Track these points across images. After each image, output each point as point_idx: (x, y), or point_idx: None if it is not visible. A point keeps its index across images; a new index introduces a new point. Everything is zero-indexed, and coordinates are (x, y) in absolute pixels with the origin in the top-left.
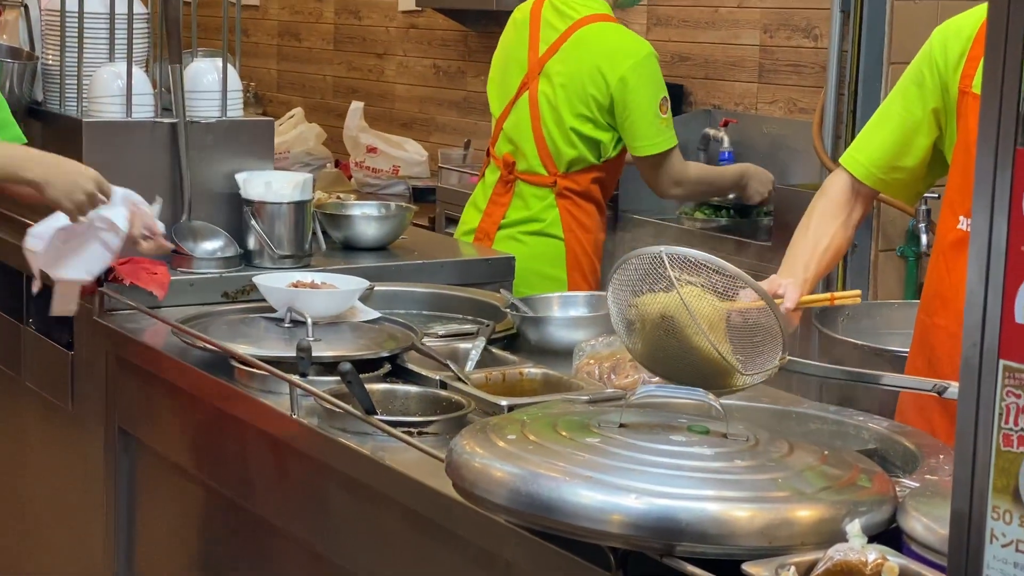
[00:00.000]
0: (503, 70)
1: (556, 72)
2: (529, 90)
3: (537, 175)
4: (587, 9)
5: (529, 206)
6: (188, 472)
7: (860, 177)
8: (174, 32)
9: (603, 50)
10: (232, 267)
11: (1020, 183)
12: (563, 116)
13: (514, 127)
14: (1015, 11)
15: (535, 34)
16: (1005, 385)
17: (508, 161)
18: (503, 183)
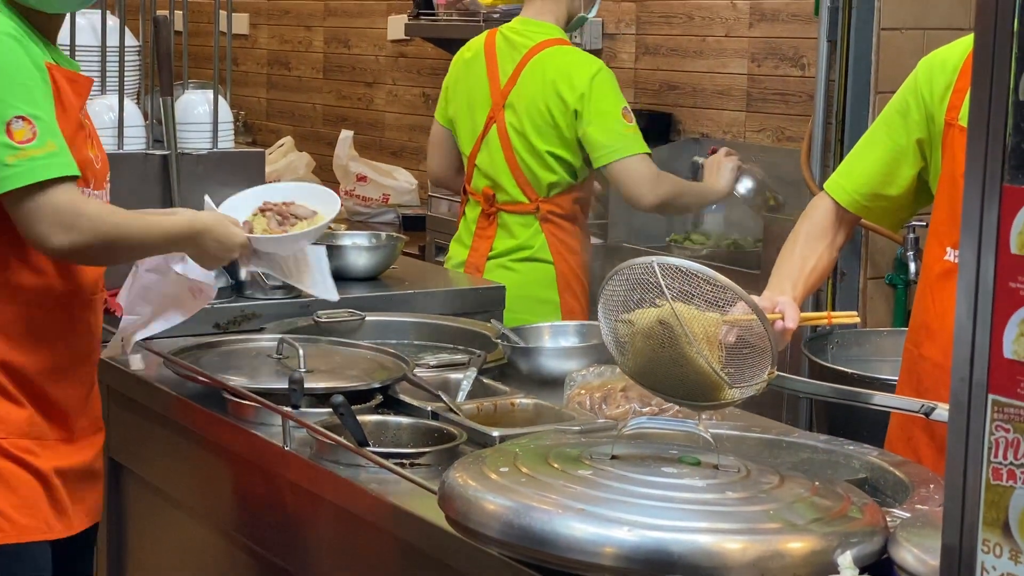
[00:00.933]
0: (467, 108)
1: (518, 100)
2: (496, 122)
3: (518, 204)
4: (540, 35)
5: (515, 235)
6: (180, 504)
7: (844, 204)
8: (165, 64)
9: (559, 71)
10: (224, 298)
11: (1007, 219)
12: (534, 143)
13: (487, 161)
14: (1001, 46)
15: (493, 68)
16: (994, 419)
17: (487, 194)
18: (485, 216)
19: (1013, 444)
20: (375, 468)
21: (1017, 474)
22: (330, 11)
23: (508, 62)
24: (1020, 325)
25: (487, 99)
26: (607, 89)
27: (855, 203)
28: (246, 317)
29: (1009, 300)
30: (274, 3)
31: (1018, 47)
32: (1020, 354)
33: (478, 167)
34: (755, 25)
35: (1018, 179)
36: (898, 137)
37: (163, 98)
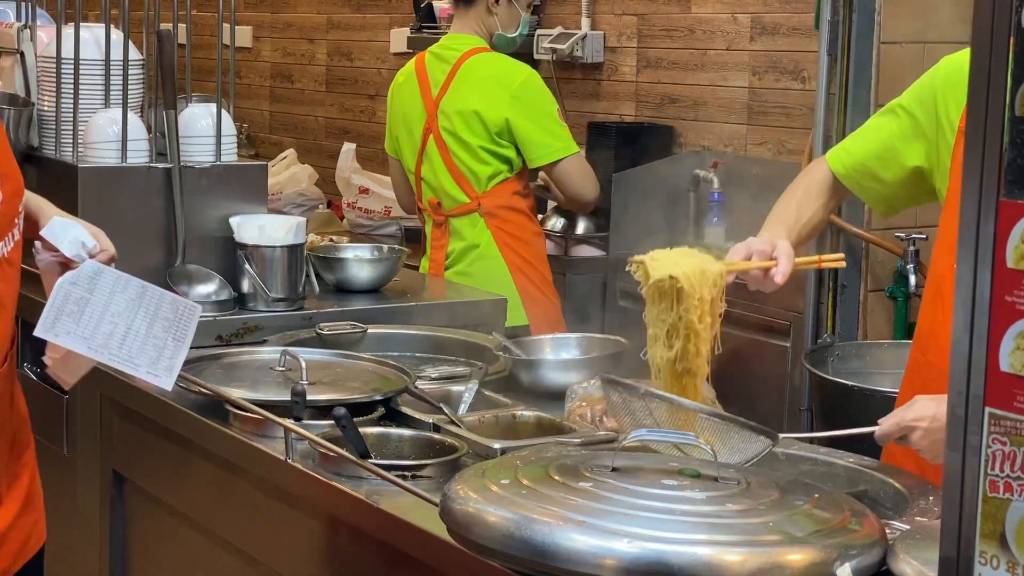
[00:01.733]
0: (405, 128)
1: (449, 104)
2: (432, 132)
3: (461, 205)
4: (466, 46)
5: (464, 236)
6: (183, 516)
7: (839, 175)
8: (168, 78)
9: (490, 76)
10: (226, 311)
11: (1003, 233)
12: (466, 139)
13: (429, 171)
14: (997, 60)
15: (424, 83)
16: (991, 432)
17: (434, 204)
18: (437, 227)
19: (1010, 456)
20: (377, 480)
21: (1014, 486)
22: (333, 24)
23: (439, 73)
24: (1016, 338)
25: (422, 113)
26: (540, 91)
27: (850, 178)
28: (248, 329)
29: (1005, 314)
30: (277, 16)
31: (1014, 62)
32: (1016, 367)
33: (424, 180)
34: (756, 39)
35: (1014, 193)
36: (904, 129)
37: (166, 111)
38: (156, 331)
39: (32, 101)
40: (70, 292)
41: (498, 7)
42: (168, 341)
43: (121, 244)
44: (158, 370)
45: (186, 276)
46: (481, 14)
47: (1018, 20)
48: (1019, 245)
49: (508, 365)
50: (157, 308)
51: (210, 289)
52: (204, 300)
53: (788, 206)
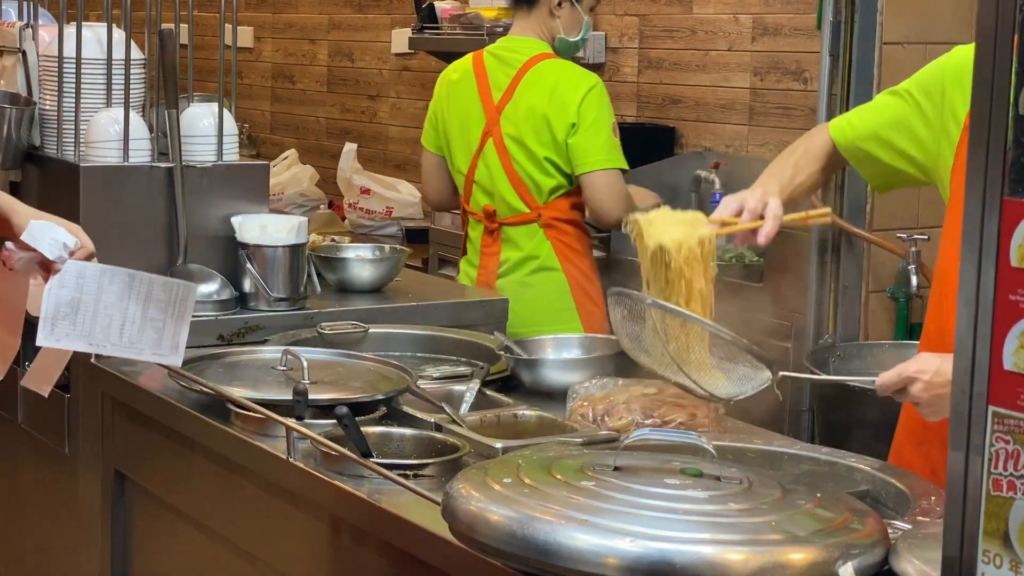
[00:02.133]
0: (460, 127)
1: (517, 111)
2: (493, 136)
3: (520, 215)
4: (531, 51)
5: (520, 247)
6: (184, 515)
7: (840, 147)
8: (171, 77)
9: (559, 81)
10: (228, 310)
11: (1007, 232)
12: (532, 148)
13: (485, 176)
14: (1001, 59)
15: (484, 85)
16: (994, 431)
17: (488, 211)
18: (488, 234)
19: (1013, 455)
20: (379, 479)
21: (1017, 485)
22: (334, 24)
23: (501, 77)
24: (1020, 337)
25: (481, 116)
26: (603, 102)
27: (849, 150)
28: (250, 329)
29: (1009, 312)
30: (278, 16)
31: (1018, 61)
32: (1020, 366)
33: (477, 183)
34: (758, 39)
35: (1018, 192)
36: (908, 112)
37: (168, 111)
38: (152, 314)
39: (34, 100)
40: (60, 296)
41: (560, 10)
42: (167, 321)
43: (122, 244)
44: (163, 350)
45: (188, 276)
46: (543, 17)
47: (1022, 19)
48: (1023, 244)
49: (510, 365)
50: (148, 292)
51: (212, 289)
52: (206, 300)
53: (785, 164)
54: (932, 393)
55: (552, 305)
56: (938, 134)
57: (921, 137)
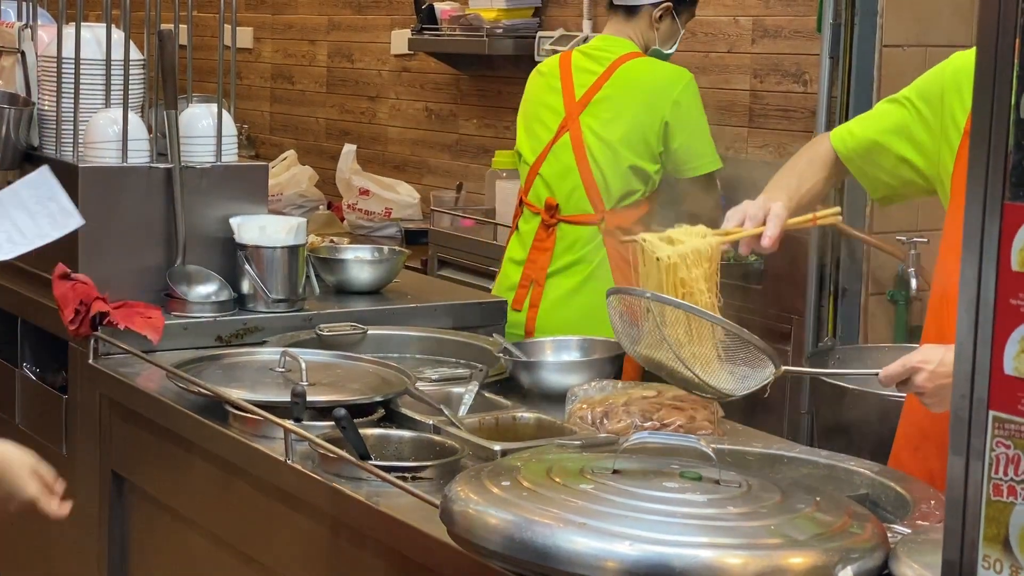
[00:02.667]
0: (533, 119)
1: (604, 110)
2: (570, 131)
3: (584, 215)
4: (621, 49)
5: (574, 249)
6: (182, 516)
7: (841, 157)
8: (170, 78)
9: (650, 81)
10: (226, 311)
11: (1008, 236)
12: (621, 152)
13: (554, 170)
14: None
15: (568, 80)
16: (995, 436)
17: (550, 205)
18: (544, 228)
19: (1014, 460)
20: (377, 482)
21: (1018, 490)
22: (334, 25)
23: (586, 74)
24: (1021, 342)
25: (560, 109)
26: (697, 98)
27: (851, 160)
28: (248, 330)
29: (1010, 317)
30: (278, 17)
31: (1020, 65)
32: (1021, 370)
33: (541, 176)
34: (757, 41)
35: (1019, 197)
36: (908, 120)
37: (167, 111)
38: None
39: (33, 101)
40: None
41: (660, 23)
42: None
43: (121, 244)
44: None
45: (186, 276)
46: (642, 27)
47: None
48: None
49: (508, 367)
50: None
51: (210, 290)
52: (204, 301)
53: (790, 174)
54: (936, 383)
55: (596, 315)
56: (938, 140)
57: (922, 143)
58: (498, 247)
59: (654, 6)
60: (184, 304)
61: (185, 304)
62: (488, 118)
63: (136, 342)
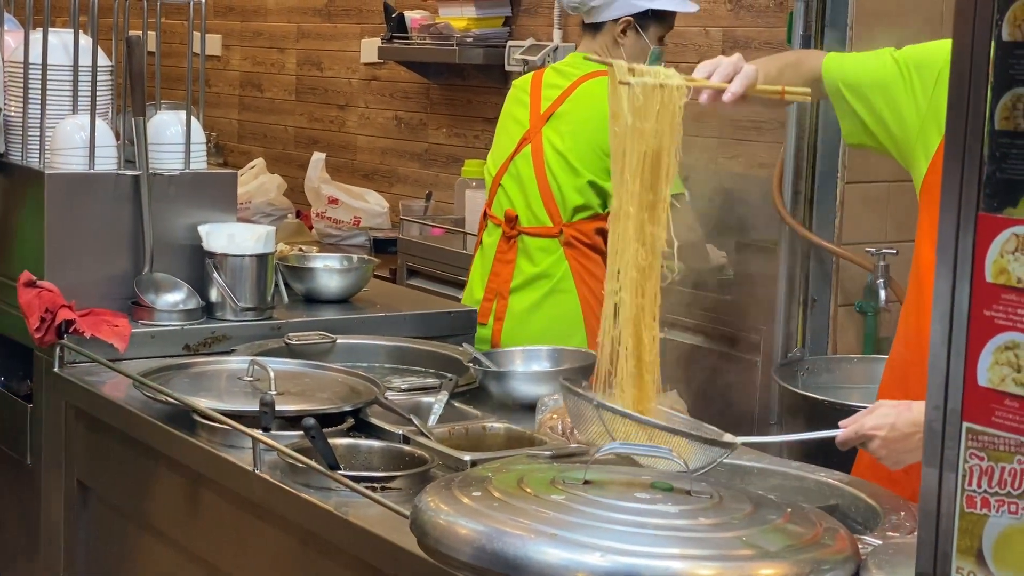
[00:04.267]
0: (501, 134)
1: (564, 123)
2: (531, 143)
3: (542, 226)
4: (589, 67)
5: (536, 262)
6: (149, 527)
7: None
8: (138, 84)
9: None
10: (194, 319)
11: (982, 247)
12: (576, 167)
13: (514, 181)
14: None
15: (536, 95)
16: (969, 447)
17: (510, 216)
18: (506, 240)
19: (987, 472)
20: (346, 492)
21: (991, 502)
22: (303, 33)
23: (553, 89)
24: (995, 353)
25: (525, 122)
26: None
27: (831, 88)
28: (216, 339)
29: (984, 328)
30: (247, 25)
31: (994, 74)
32: (995, 382)
33: (503, 187)
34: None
35: (993, 207)
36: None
37: (135, 118)
38: None
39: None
40: None
41: (625, 38)
42: None
43: (88, 252)
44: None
45: (153, 284)
46: (607, 43)
47: (998, 32)
48: (998, 259)
49: (478, 377)
50: None
51: (178, 298)
52: (172, 309)
53: (772, 63)
54: (889, 449)
55: (561, 328)
56: (924, 115)
57: (901, 109)
58: (467, 256)
59: (615, 22)
60: (151, 312)
61: (152, 312)
62: (458, 127)
63: (102, 350)
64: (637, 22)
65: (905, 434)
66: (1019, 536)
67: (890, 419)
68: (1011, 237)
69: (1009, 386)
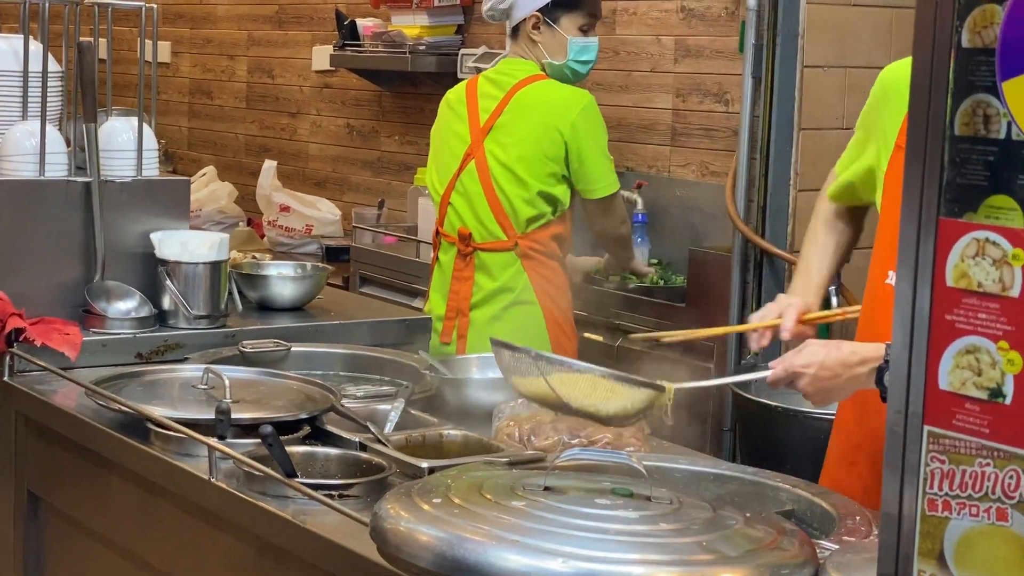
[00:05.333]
0: (441, 149)
1: (505, 135)
2: (475, 158)
3: (497, 241)
4: (523, 72)
5: (495, 276)
6: (102, 537)
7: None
8: (89, 90)
9: (549, 104)
10: (146, 327)
11: (943, 251)
12: (524, 178)
13: (462, 198)
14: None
15: (473, 107)
16: (930, 451)
17: (463, 234)
18: (462, 258)
19: (948, 475)
20: (304, 499)
21: (952, 505)
22: (254, 41)
23: (489, 100)
24: (956, 357)
25: (465, 136)
26: (598, 121)
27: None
28: (169, 347)
29: (945, 332)
30: (196, 32)
31: (954, 81)
32: (956, 386)
33: (452, 206)
34: (680, 61)
35: (954, 212)
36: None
37: (86, 125)
38: None
39: None
40: None
41: (539, 34)
42: None
43: (39, 259)
44: None
45: (105, 292)
46: (526, 42)
47: (958, 39)
48: (959, 263)
49: (435, 384)
50: None
51: (130, 306)
52: (124, 317)
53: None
54: (817, 386)
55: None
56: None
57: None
58: (420, 264)
59: (524, 21)
60: (103, 320)
61: (104, 320)
62: (410, 135)
63: (53, 359)
64: (546, 16)
65: (834, 372)
66: (980, 538)
67: (819, 357)
68: (971, 242)
69: (970, 390)
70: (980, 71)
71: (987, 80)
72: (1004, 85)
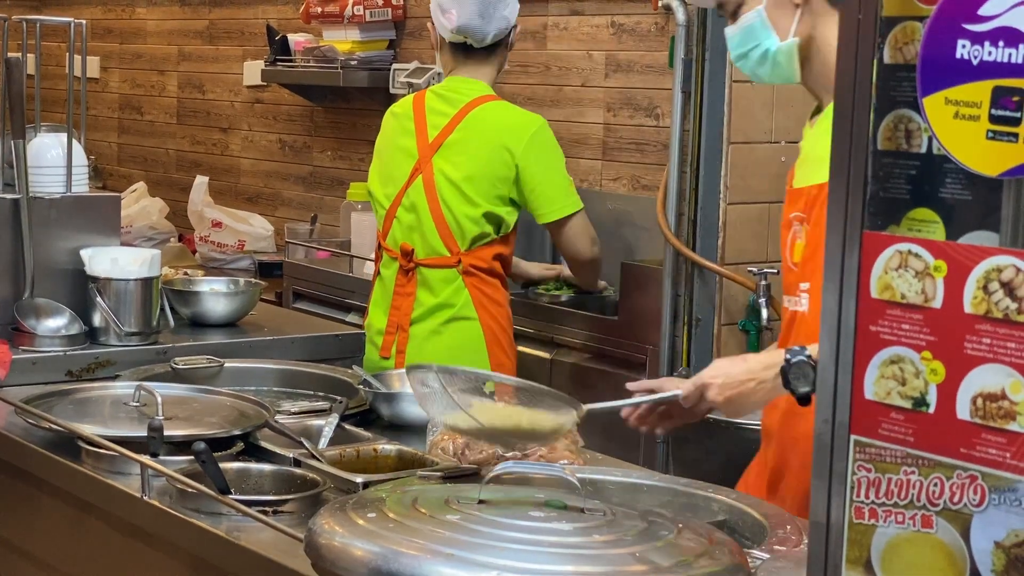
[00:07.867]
0: (389, 162)
1: (456, 153)
2: (423, 174)
3: (439, 257)
4: (475, 92)
5: (436, 292)
6: (33, 558)
7: None
8: (17, 106)
9: (501, 126)
10: (77, 345)
11: (868, 263)
12: (472, 197)
13: (409, 213)
14: (860, 96)
15: (421, 122)
16: (856, 459)
17: (406, 250)
18: (403, 273)
19: (875, 483)
20: (238, 516)
21: (879, 512)
22: (184, 56)
23: (439, 116)
24: (881, 367)
25: (414, 151)
26: (552, 143)
27: None
28: (100, 364)
29: (870, 343)
30: (126, 47)
31: (877, 96)
32: (881, 395)
33: (398, 220)
34: (611, 76)
35: (877, 225)
36: None
37: (15, 141)
38: None
39: None
40: None
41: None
42: None
43: None
44: None
45: (34, 310)
46: (499, 64)
47: (880, 55)
48: (883, 275)
49: (368, 399)
50: None
51: (60, 323)
52: (53, 334)
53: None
54: (724, 395)
55: (463, 355)
56: None
57: None
58: (354, 279)
59: (508, 46)
60: (32, 338)
61: (33, 338)
62: (343, 150)
63: None
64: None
65: (740, 381)
66: (906, 545)
67: (724, 368)
68: (895, 254)
69: (895, 399)
70: (902, 87)
71: (908, 95)
72: (925, 100)
